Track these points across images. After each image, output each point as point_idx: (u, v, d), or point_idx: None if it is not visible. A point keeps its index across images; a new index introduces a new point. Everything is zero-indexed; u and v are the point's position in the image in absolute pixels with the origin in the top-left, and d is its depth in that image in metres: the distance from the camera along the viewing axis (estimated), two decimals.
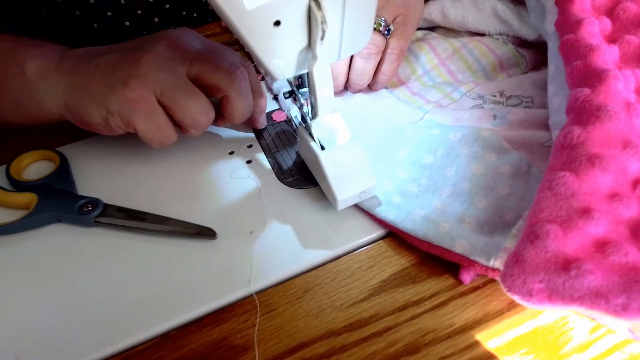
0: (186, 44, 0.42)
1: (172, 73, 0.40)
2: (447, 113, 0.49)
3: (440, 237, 0.38)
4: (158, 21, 0.62)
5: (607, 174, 0.34)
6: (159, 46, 0.41)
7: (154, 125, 0.40)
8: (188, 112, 0.40)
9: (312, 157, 0.41)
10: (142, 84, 0.39)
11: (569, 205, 0.34)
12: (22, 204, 0.43)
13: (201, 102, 0.41)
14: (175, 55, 0.41)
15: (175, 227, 0.41)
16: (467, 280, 0.37)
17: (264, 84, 0.55)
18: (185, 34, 0.44)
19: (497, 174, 0.42)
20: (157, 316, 0.37)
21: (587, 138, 0.36)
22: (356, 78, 0.50)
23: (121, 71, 0.39)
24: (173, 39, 0.42)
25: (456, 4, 0.57)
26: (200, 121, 0.41)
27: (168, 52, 0.41)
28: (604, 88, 0.37)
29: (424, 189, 0.43)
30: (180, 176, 0.46)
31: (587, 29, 0.42)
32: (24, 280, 0.39)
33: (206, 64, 0.41)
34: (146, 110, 0.39)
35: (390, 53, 0.50)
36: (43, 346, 0.35)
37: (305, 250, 0.40)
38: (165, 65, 0.40)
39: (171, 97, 0.39)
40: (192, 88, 0.40)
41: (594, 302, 0.30)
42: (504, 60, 0.54)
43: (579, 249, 0.32)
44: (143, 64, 0.39)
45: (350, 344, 0.35)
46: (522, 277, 0.32)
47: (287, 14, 0.32)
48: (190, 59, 0.41)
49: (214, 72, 0.41)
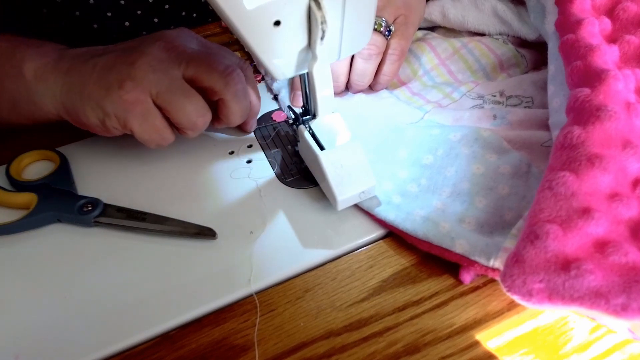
0: (183, 45, 0.42)
1: (168, 75, 0.40)
2: (447, 113, 0.49)
3: (440, 237, 0.38)
4: (158, 21, 0.62)
5: (607, 174, 0.34)
6: (155, 47, 0.40)
7: (150, 127, 0.40)
8: (184, 114, 0.40)
9: (312, 157, 0.41)
10: (137, 86, 0.39)
11: (569, 205, 0.34)
12: (22, 204, 0.43)
13: (197, 103, 0.40)
14: (171, 56, 0.40)
15: (175, 227, 0.41)
16: (467, 280, 0.37)
17: (264, 83, 0.55)
18: (183, 34, 0.43)
19: (497, 174, 0.42)
20: (157, 316, 0.37)
21: (587, 138, 0.36)
22: (357, 79, 0.50)
23: (117, 73, 0.39)
24: (170, 40, 0.42)
25: (456, 4, 0.57)
26: (197, 123, 0.41)
27: (164, 53, 0.40)
28: (604, 88, 0.37)
29: (424, 189, 0.43)
30: (180, 176, 0.46)
31: (587, 29, 0.42)
32: (24, 280, 0.39)
33: (202, 66, 0.41)
34: (142, 112, 0.39)
35: (391, 54, 0.50)
36: (43, 346, 0.36)
37: (305, 250, 0.40)
38: (161, 67, 0.40)
39: (167, 99, 0.39)
40: (188, 89, 0.40)
41: (594, 302, 0.30)
42: (504, 60, 0.54)
43: (579, 249, 0.32)
44: (139, 65, 0.39)
45: (350, 344, 0.35)
46: (522, 277, 0.32)
47: (287, 14, 0.32)
48: (187, 60, 0.40)
49: (209, 74, 0.41)
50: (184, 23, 0.64)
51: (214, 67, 0.41)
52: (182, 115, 0.40)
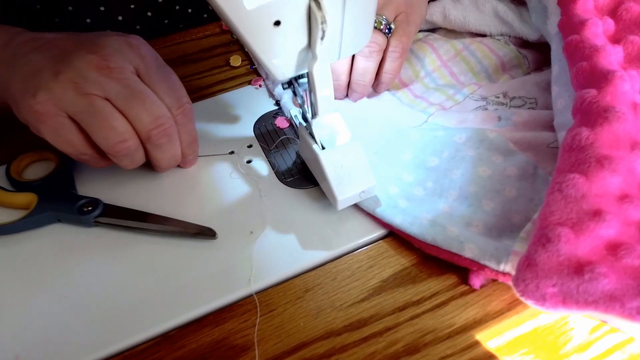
0: (118, 68, 0.38)
1: (88, 99, 0.37)
2: (450, 115, 0.49)
3: (449, 242, 0.37)
4: (151, 15, 0.62)
5: (617, 176, 0.34)
6: (85, 62, 0.37)
7: (65, 142, 0.38)
8: (103, 138, 0.37)
9: (312, 157, 0.41)
10: (50, 99, 0.36)
11: (580, 207, 0.33)
12: (22, 204, 0.43)
13: (119, 128, 0.37)
14: (99, 80, 0.37)
15: (175, 227, 0.41)
16: (476, 285, 0.37)
17: (265, 88, 0.54)
18: (127, 49, 0.39)
19: (503, 176, 0.42)
20: (157, 316, 0.37)
21: (596, 139, 0.35)
22: (358, 77, 0.49)
23: (38, 79, 0.37)
24: (106, 56, 0.38)
25: (457, 5, 0.57)
26: (117, 148, 0.38)
27: (93, 72, 0.37)
28: (611, 89, 0.37)
29: (430, 192, 0.42)
30: (180, 176, 0.46)
31: (591, 29, 0.42)
32: (24, 281, 0.39)
33: (127, 109, 0.37)
34: (54, 125, 0.37)
35: (392, 51, 0.49)
36: (43, 346, 0.36)
37: (305, 250, 0.40)
38: (84, 88, 0.37)
39: (84, 120, 0.37)
40: (110, 113, 0.37)
41: (608, 306, 0.30)
42: (506, 62, 0.54)
43: (591, 251, 0.32)
44: (61, 79, 0.36)
45: (350, 344, 0.35)
46: (535, 282, 0.31)
47: (287, 14, 0.32)
48: (114, 94, 0.37)
49: (133, 120, 0.38)
50: (178, 18, 0.64)
51: (139, 116, 0.38)
52: (101, 139, 0.37)
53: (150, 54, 0.41)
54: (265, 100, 0.53)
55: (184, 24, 0.65)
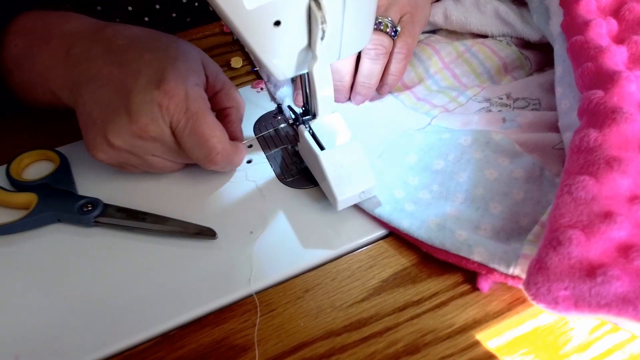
0: (185, 98, 0.39)
1: (164, 134, 0.40)
2: (455, 117, 0.48)
3: (458, 246, 0.37)
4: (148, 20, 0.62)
5: (627, 177, 0.34)
6: (155, 93, 0.38)
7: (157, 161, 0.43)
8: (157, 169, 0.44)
9: (312, 157, 0.41)
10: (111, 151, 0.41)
11: (590, 209, 0.33)
12: (22, 204, 0.43)
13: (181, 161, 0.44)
14: (167, 109, 0.39)
15: (175, 227, 0.41)
16: (485, 288, 0.37)
17: (266, 91, 0.54)
18: (193, 69, 0.42)
19: (510, 179, 0.42)
20: (157, 316, 0.37)
21: (604, 141, 0.35)
22: (363, 79, 0.49)
23: (114, 115, 0.39)
24: (172, 85, 0.39)
25: (458, 6, 0.57)
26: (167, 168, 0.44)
27: (165, 100, 0.39)
28: (617, 90, 0.37)
29: (436, 195, 0.42)
30: (180, 176, 0.46)
31: (595, 30, 0.42)
32: (24, 280, 0.39)
33: (188, 141, 0.40)
34: None
35: (398, 52, 0.49)
36: (43, 346, 0.36)
37: (305, 250, 0.40)
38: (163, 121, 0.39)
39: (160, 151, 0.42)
40: None
41: (621, 309, 0.30)
42: (508, 63, 0.54)
43: (603, 254, 0.32)
44: (136, 111, 0.38)
45: (350, 344, 0.35)
46: (546, 285, 0.31)
47: (287, 14, 0.32)
48: (181, 127, 0.40)
49: (191, 150, 0.41)
50: (174, 25, 0.64)
51: (201, 145, 0.40)
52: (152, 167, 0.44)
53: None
54: (265, 101, 0.53)
55: (191, 18, 0.64)
